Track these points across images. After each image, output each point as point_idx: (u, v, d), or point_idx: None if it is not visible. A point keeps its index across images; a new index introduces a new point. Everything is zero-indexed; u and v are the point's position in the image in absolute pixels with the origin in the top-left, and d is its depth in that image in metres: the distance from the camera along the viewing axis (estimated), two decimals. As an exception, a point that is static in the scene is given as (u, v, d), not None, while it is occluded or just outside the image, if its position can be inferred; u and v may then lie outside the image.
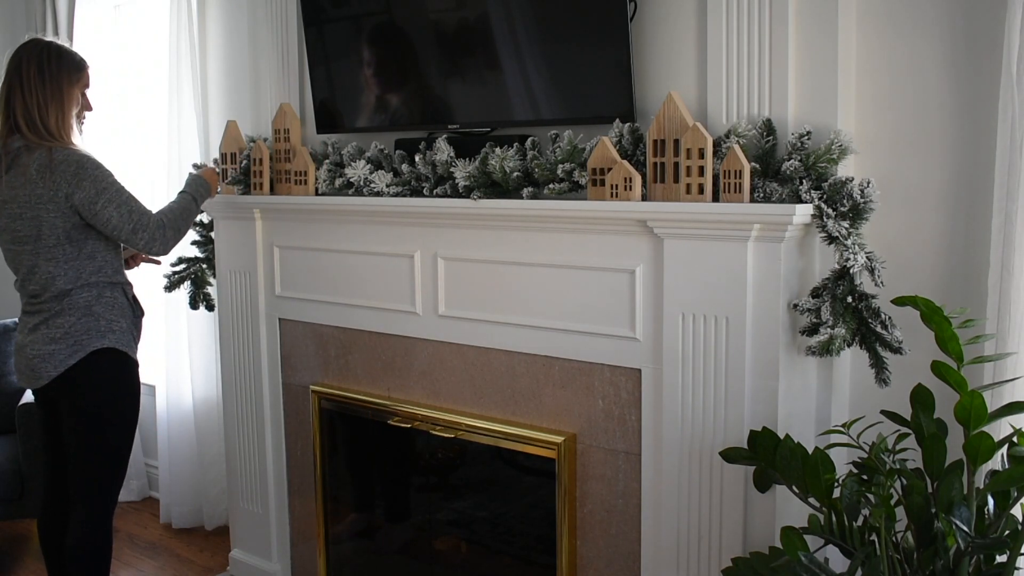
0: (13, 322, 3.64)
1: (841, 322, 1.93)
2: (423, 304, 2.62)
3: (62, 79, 2.43)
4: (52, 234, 2.39)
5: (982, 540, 1.64)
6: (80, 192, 2.36)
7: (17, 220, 2.40)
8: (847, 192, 1.90)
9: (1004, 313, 1.85)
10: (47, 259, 2.40)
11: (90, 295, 2.44)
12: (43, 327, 2.43)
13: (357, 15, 2.74)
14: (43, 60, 2.42)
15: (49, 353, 2.42)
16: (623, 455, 2.29)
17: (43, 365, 2.43)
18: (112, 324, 2.48)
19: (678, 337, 2.11)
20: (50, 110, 2.41)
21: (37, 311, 2.45)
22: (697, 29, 2.17)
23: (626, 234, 2.18)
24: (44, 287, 2.42)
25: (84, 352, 2.43)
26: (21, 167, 2.38)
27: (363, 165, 2.64)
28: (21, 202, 2.38)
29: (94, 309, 2.45)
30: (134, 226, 2.42)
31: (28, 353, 2.46)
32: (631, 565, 2.31)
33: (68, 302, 2.42)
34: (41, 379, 2.45)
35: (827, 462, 1.76)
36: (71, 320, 2.42)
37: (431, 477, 2.84)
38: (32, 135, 2.39)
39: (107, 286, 2.48)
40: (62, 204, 2.36)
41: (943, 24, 1.97)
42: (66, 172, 2.35)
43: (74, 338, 2.42)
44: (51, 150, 2.37)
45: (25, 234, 2.40)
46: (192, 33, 3.44)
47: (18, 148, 2.39)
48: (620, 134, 2.18)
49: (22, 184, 2.37)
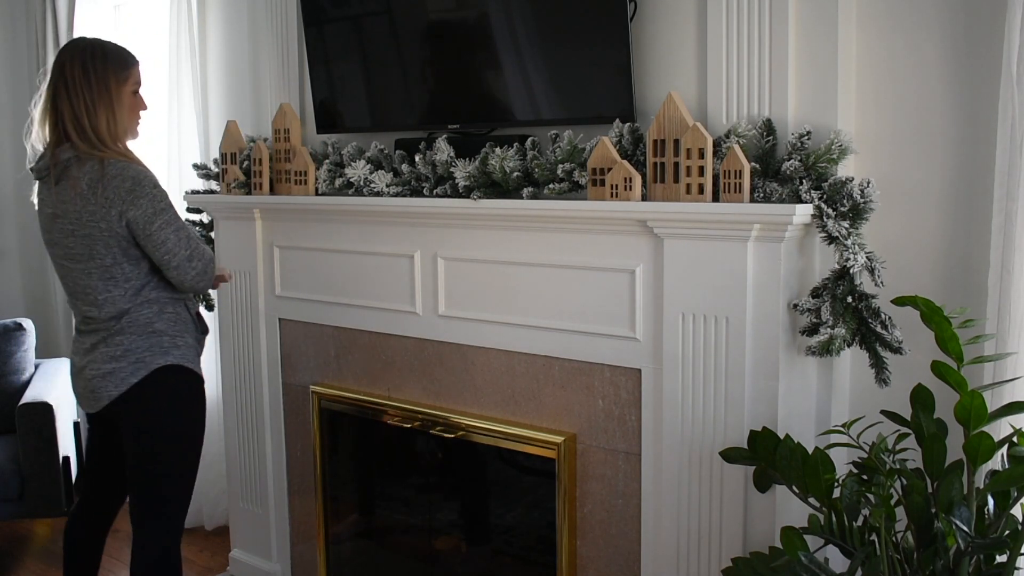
0: (13, 322, 3.64)
1: (841, 322, 1.93)
2: (423, 304, 2.62)
3: (109, 79, 2.23)
4: (108, 253, 2.20)
5: (982, 540, 1.64)
6: (135, 210, 2.17)
7: (69, 237, 2.22)
8: (847, 192, 1.90)
9: (1004, 313, 1.85)
10: (103, 279, 2.23)
11: (151, 312, 2.28)
12: (102, 346, 2.27)
13: (357, 15, 2.74)
14: (87, 60, 2.22)
15: (109, 372, 2.26)
16: (623, 455, 2.29)
17: (103, 384, 2.27)
18: (176, 340, 2.32)
19: (678, 337, 2.11)
20: (99, 113, 2.21)
21: (94, 331, 2.29)
22: (697, 29, 2.17)
23: (626, 234, 2.18)
24: (100, 307, 2.25)
25: (147, 370, 2.27)
26: (71, 180, 2.19)
27: (363, 165, 2.64)
28: (72, 218, 2.19)
29: (156, 326, 2.29)
30: (190, 253, 2.27)
31: (87, 374, 2.30)
32: (631, 565, 2.31)
33: (127, 320, 2.26)
34: (102, 400, 2.28)
35: (827, 462, 1.76)
36: (132, 338, 2.26)
37: (431, 477, 2.84)
38: (83, 143, 2.19)
39: (169, 301, 2.32)
40: (115, 222, 2.17)
41: (943, 24, 1.97)
42: (120, 188, 2.16)
43: (136, 356, 2.27)
44: (103, 162, 2.17)
45: (78, 252, 2.22)
46: (192, 33, 3.44)
47: (68, 159, 2.20)
48: (620, 134, 2.18)
49: (72, 199, 2.19)
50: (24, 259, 4.37)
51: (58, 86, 2.22)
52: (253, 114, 3.24)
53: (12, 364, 3.60)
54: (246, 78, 3.34)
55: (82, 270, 2.23)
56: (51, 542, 3.69)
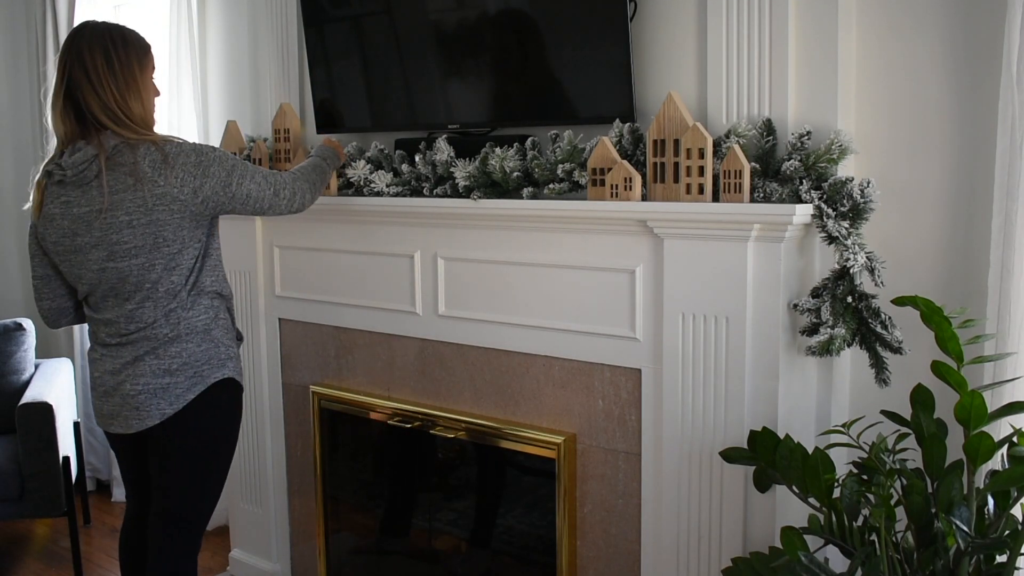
0: (13, 322, 3.64)
1: (841, 322, 1.93)
2: (423, 304, 2.62)
3: (133, 66, 2.09)
4: (176, 238, 2.05)
5: (982, 540, 1.64)
6: (211, 180, 2.05)
7: (125, 229, 2.00)
8: (847, 192, 1.90)
9: (1004, 313, 1.85)
10: (166, 268, 2.05)
11: (208, 317, 2.13)
12: (150, 357, 2.07)
13: (357, 15, 2.74)
14: (109, 46, 2.06)
15: (162, 388, 2.07)
16: (623, 455, 2.29)
17: (153, 402, 2.06)
18: (229, 350, 2.18)
19: (678, 337, 2.11)
20: (130, 101, 2.06)
21: (138, 340, 2.08)
22: (697, 29, 2.17)
23: (626, 234, 2.18)
24: (156, 304, 2.06)
25: (204, 385, 2.10)
26: (126, 167, 2.01)
27: (363, 165, 2.64)
28: (131, 208, 2.00)
29: (213, 333, 2.14)
30: (275, 188, 2.18)
31: (127, 390, 2.08)
32: (631, 565, 2.31)
33: (186, 325, 2.09)
34: (149, 419, 2.07)
35: (827, 462, 1.76)
36: (190, 347, 2.09)
37: (431, 477, 2.84)
38: (122, 129, 2.03)
39: (221, 301, 2.19)
40: (189, 201, 2.03)
41: (943, 24, 1.97)
42: (187, 164, 2.03)
43: (194, 368, 2.09)
44: (158, 144, 2.04)
45: (135, 245, 2.02)
46: (192, 33, 3.44)
47: (116, 146, 2.02)
48: (620, 134, 2.18)
49: (131, 186, 2.00)
50: (24, 259, 4.37)
51: (76, 75, 2.04)
52: (253, 114, 3.24)
53: (12, 364, 3.60)
54: (246, 78, 3.34)
55: (140, 264, 2.03)
56: (51, 542, 3.69)
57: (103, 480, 4.17)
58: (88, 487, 3.91)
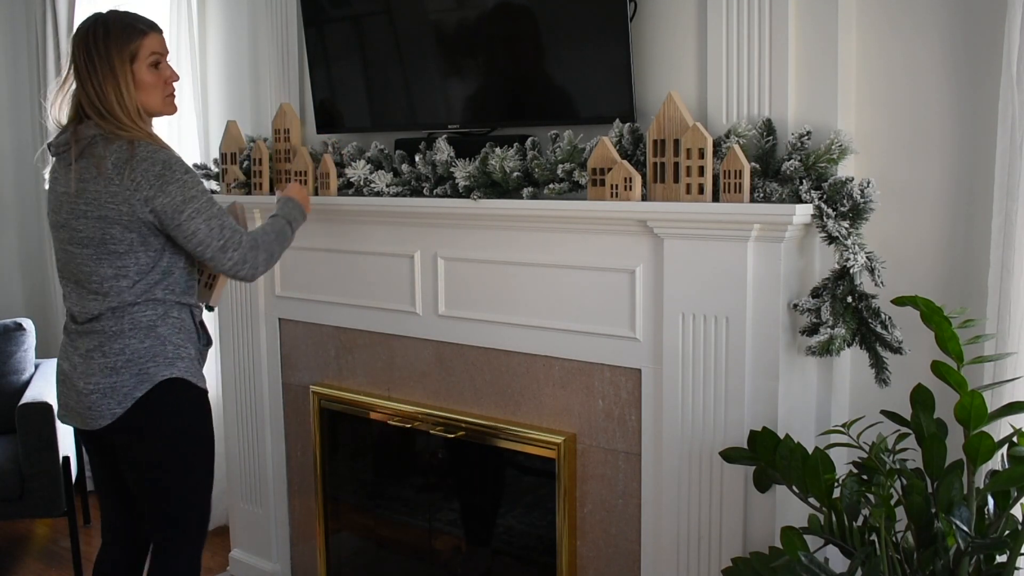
0: (13, 322, 3.64)
1: (841, 322, 1.93)
2: (423, 304, 2.62)
3: (112, 56, 2.04)
4: (123, 239, 2.02)
5: (982, 540, 1.64)
6: (164, 197, 1.99)
7: (82, 218, 2.03)
8: (847, 192, 1.90)
9: (1004, 313, 1.85)
10: (113, 266, 2.04)
11: (155, 313, 2.08)
12: (98, 354, 2.06)
13: (357, 15, 2.74)
14: (89, 38, 2.05)
15: (110, 387, 2.05)
16: (623, 455, 2.29)
17: (103, 402, 2.05)
18: (180, 350, 2.11)
19: (678, 337, 2.11)
20: (108, 94, 2.03)
21: (89, 332, 2.08)
22: (697, 29, 2.17)
23: (626, 234, 2.18)
24: (104, 296, 2.05)
25: (151, 383, 2.06)
26: (95, 158, 2.02)
27: (363, 165, 2.64)
28: (90, 198, 2.01)
29: (159, 330, 2.08)
30: (224, 243, 2.06)
31: (81, 388, 2.07)
32: (631, 565, 2.31)
33: (130, 320, 2.06)
34: (102, 418, 2.06)
35: (827, 462, 1.76)
36: (133, 343, 2.06)
37: (431, 477, 2.84)
38: (104, 122, 2.03)
39: (175, 305, 2.12)
40: (139, 208, 2.00)
41: (943, 24, 1.97)
42: (149, 172, 1.99)
43: (138, 366, 2.06)
44: (133, 143, 2.01)
45: (89, 235, 2.03)
46: (192, 33, 3.44)
47: (94, 136, 2.03)
48: (620, 134, 2.18)
49: (94, 177, 2.01)
50: (24, 259, 4.37)
51: (72, 67, 2.09)
52: (253, 114, 3.24)
53: (12, 364, 3.60)
54: (246, 78, 3.33)
55: (90, 255, 2.04)
56: (51, 542, 3.69)
57: (103, 480, 4.16)
58: (88, 487, 3.90)
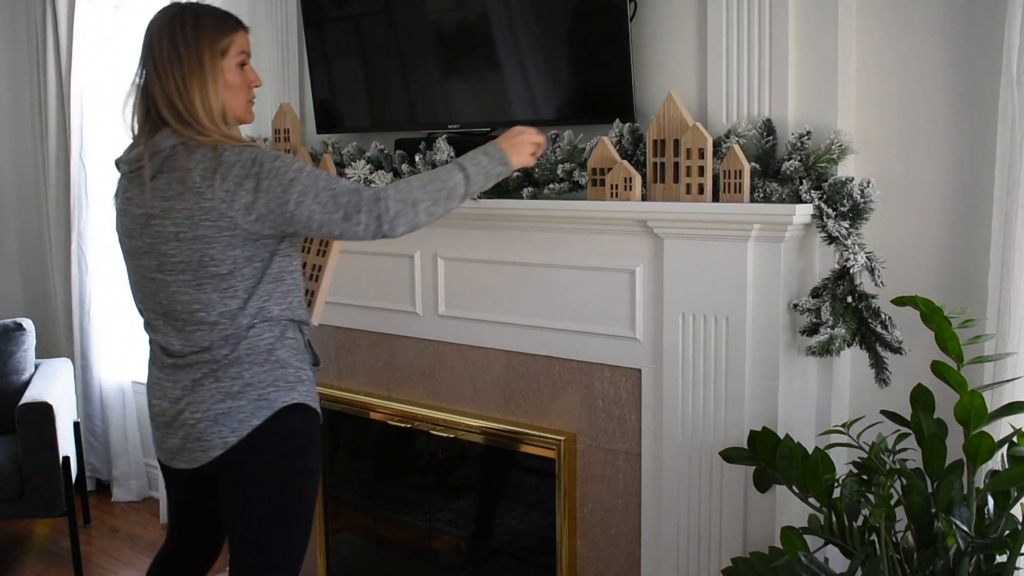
0: (13, 322, 3.64)
1: (841, 322, 1.93)
2: (423, 304, 2.62)
3: (203, 50, 1.80)
4: (225, 258, 1.76)
5: (982, 540, 1.64)
6: (263, 195, 1.73)
7: (172, 241, 1.76)
8: (847, 192, 1.90)
9: (1004, 313, 1.85)
10: (216, 290, 1.78)
11: (272, 336, 1.83)
12: (209, 380, 1.81)
13: (357, 15, 2.74)
14: (176, 29, 1.80)
15: (223, 413, 1.79)
16: (623, 455, 2.29)
17: (214, 430, 1.80)
18: (299, 373, 1.88)
19: (678, 337, 2.11)
20: (192, 91, 1.78)
21: (194, 364, 1.82)
22: (697, 29, 2.17)
23: (626, 234, 2.18)
24: (214, 327, 1.79)
25: (271, 410, 1.82)
26: (178, 172, 1.75)
27: (363, 165, 2.64)
28: (178, 218, 1.75)
29: (279, 354, 1.84)
30: (344, 212, 1.77)
31: (187, 418, 1.82)
32: (631, 565, 2.31)
33: (246, 347, 1.80)
34: (212, 449, 1.80)
35: (827, 462, 1.76)
36: (252, 369, 1.81)
37: (431, 477, 2.84)
38: (184, 128, 1.77)
39: (290, 324, 1.87)
40: (240, 218, 1.73)
41: (943, 24, 1.96)
42: (240, 175, 1.73)
43: (258, 391, 1.81)
44: (217, 149, 1.76)
45: (182, 260, 1.77)
46: (192, 33, 3.43)
47: (172, 147, 1.77)
48: (620, 134, 2.18)
49: (180, 194, 1.75)
50: (24, 259, 4.37)
51: (147, 65, 1.82)
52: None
53: (12, 364, 3.59)
54: (246, 78, 3.33)
55: (187, 281, 1.78)
56: (51, 542, 3.69)
57: (103, 480, 4.17)
58: (88, 487, 3.91)
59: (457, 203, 1.89)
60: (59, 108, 3.98)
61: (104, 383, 4.01)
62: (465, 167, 1.90)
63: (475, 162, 1.92)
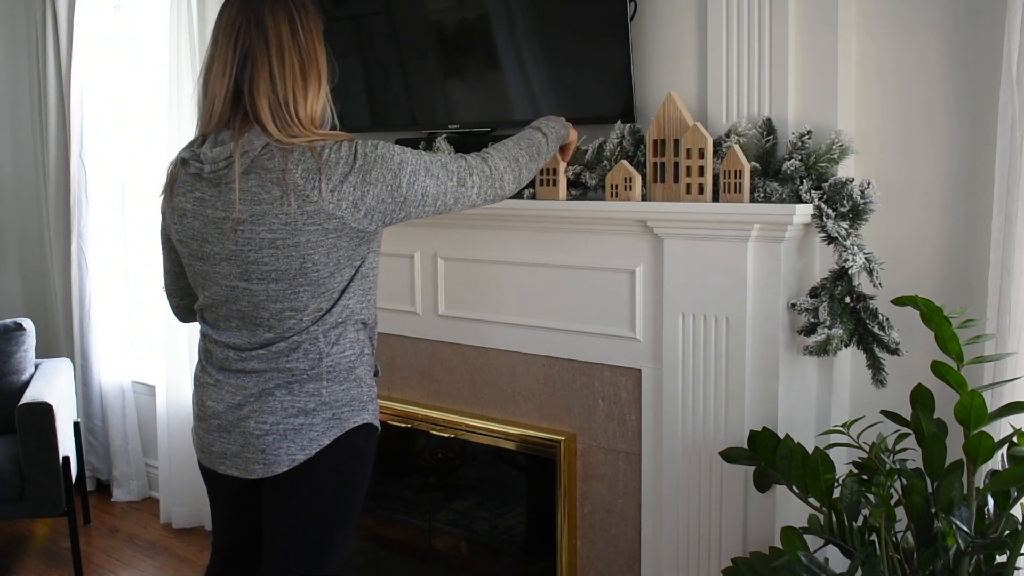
0: (13, 322, 3.64)
1: (839, 322, 1.93)
2: (423, 304, 2.62)
3: (319, 38, 1.67)
4: (327, 262, 1.64)
5: (982, 540, 1.64)
6: (374, 187, 1.62)
7: (267, 248, 1.62)
8: (847, 192, 1.90)
9: (1004, 313, 1.85)
10: (315, 295, 1.67)
11: (354, 353, 1.74)
12: (282, 393, 1.70)
13: (357, 15, 2.74)
14: (294, 11, 1.63)
15: (294, 429, 1.69)
16: (623, 455, 2.29)
17: (282, 445, 1.69)
18: (371, 391, 1.80)
19: (678, 337, 2.11)
20: (309, 87, 1.64)
21: (265, 371, 1.70)
22: (697, 29, 2.17)
23: (626, 234, 2.18)
24: (295, 336, 1.69)
25: (342, 429, 1.72)
26: (273, 173, 1.60)
27: (363, 165, 2.64)
28: (275, 224, 1.60)
29: (357, 371, 1.75)
30: (458, 176, 1.72)
31: (250, 428, 1.70)
32: (631, 565, 2.31)
33: (329, 363, 1.71)
34: (277, 465, 1.70)
35: (827, 462, 1.76)
36: (332, 387, 1.71)
37: (431, 477, 2.84)
38: (281, 132, 1.61)
39: (366, 331, 1.79)
40: (350, 217, 1.62)
41: (943, 24, 1.97)
42: (346, 172, 1.61)
43: (333, 410, 1.72)
44: (315, 148, 1.61)
45: (278, 268, 1.63)
46: (192, 33, 3.44)
47: (265, 146, 1.61)
48: (620, 134, 2.18)
49: (278, 198, 1.59)
50: (24, 259, 4.37)
51: (255, 49, 1.61)
52: (253, 114, 3.24)
53: (12, 364, 3.59)
54: (246, 78, 3.33)
55: (282, 291, 1.66)
56: (51, 542, 3.69)
57: (103, 480, 4.17)
58: (88, 487, 3.91)
59: (543, 162, 1.95)
60: (59, 108, 3.98)
61: (104, 383, 4.01)
62: (540, 127, 1.98)
63: (545, 123, 2.01)
